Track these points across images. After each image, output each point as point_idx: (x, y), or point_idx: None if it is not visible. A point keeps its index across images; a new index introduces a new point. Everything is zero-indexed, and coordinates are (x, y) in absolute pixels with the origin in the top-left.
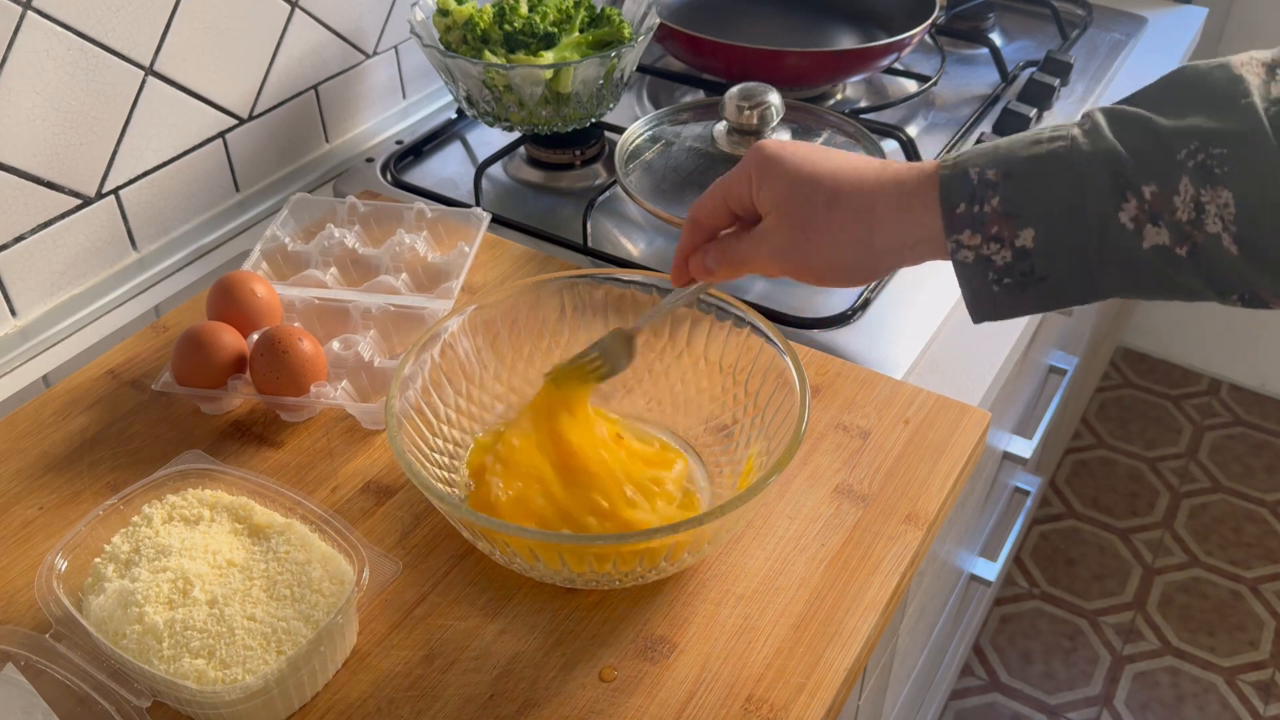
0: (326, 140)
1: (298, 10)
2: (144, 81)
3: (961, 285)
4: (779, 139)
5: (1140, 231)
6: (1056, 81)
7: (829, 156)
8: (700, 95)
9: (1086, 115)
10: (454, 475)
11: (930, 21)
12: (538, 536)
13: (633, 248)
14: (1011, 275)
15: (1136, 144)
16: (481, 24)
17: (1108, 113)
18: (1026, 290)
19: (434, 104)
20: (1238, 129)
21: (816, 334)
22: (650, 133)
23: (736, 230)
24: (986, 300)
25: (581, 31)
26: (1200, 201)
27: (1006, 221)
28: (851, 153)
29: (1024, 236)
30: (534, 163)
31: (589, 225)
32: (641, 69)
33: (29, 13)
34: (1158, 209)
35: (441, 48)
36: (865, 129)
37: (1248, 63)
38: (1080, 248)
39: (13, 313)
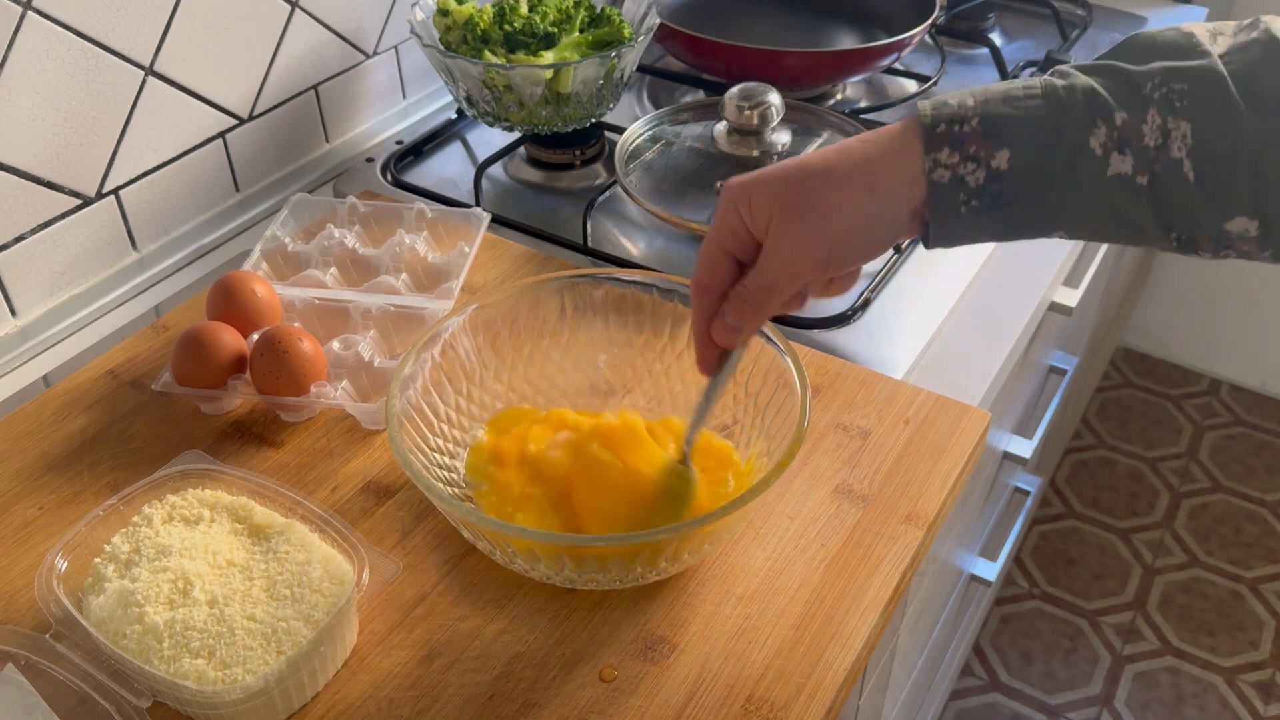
0: (326, 140)
1: (298, 10)
2: (144, 81)
3: (932, 205)
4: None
5: (1107, 158)
6: None
7: (798, 157)
8: (700, 95)
9: (1055, 69)
10: (454, 475)
11: (930, 21)
12: (538, 537)
13: (633, 248)
14: (981, 198)
15: (1108, 82)
16: (481, 24)
17: (1077, 65)
18: (992, 213)
19: (434, 104)
20: (1197, 68)
21: (816, 334)
22: (650, 133)
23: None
24: (952, 221)
25: (581, 31)
26: (1167, 128)
27: (984, 143)
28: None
29: (999, 158)
30: (534, 163)
31: (589, 225)
32: (641, 69)
33: (29, 13)
34: (1126, 135)
35: (441, 48)
36: (865, 129)
37: (1194, 25)
38: (1048, 173)
39: (13, 313)
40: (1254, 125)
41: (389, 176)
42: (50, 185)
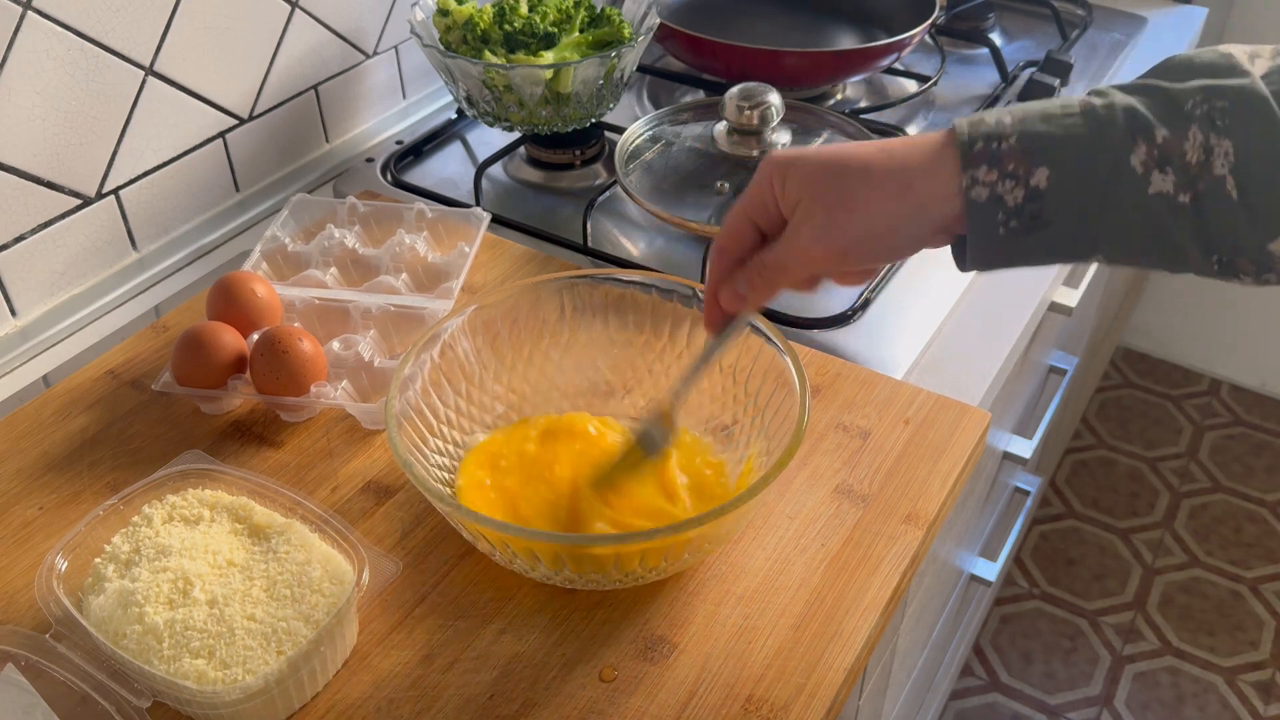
0: (326, 140)
1: (298, 10)
2: (144, 81)
3: (970, 225)
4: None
5: (1148, 176)
6: (1056, 81)
7: (845, 144)
8: (700, 95)
9: (1093, 89)
10: (453, 476)
11: (930, 21)
12: (537, 537)
13: (633, 248)
14: (1020, 217)
15: (1146, 100)
16: (481, 24)
17: (1116, 86)
18: (1031, 235)
19: (434, 104)
20: (1237, 86)
21: (816, 334)
22: (650, 133)
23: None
24: (990, 243)
25: (581, 31)
26: (1209, 145)
27: (1022, 159)
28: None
29: (1038, 175)
30: (534, 163)
31: (589, 225)
32: (641, 69)
33: (29, 13)
34: (1169, 152)
35: (441, 48)
36: (865, 129)
37: (1232, 46)
38: (1088, 192)
39: (13, 313)
40: None
41: (389, 176)
42: (50, 185)
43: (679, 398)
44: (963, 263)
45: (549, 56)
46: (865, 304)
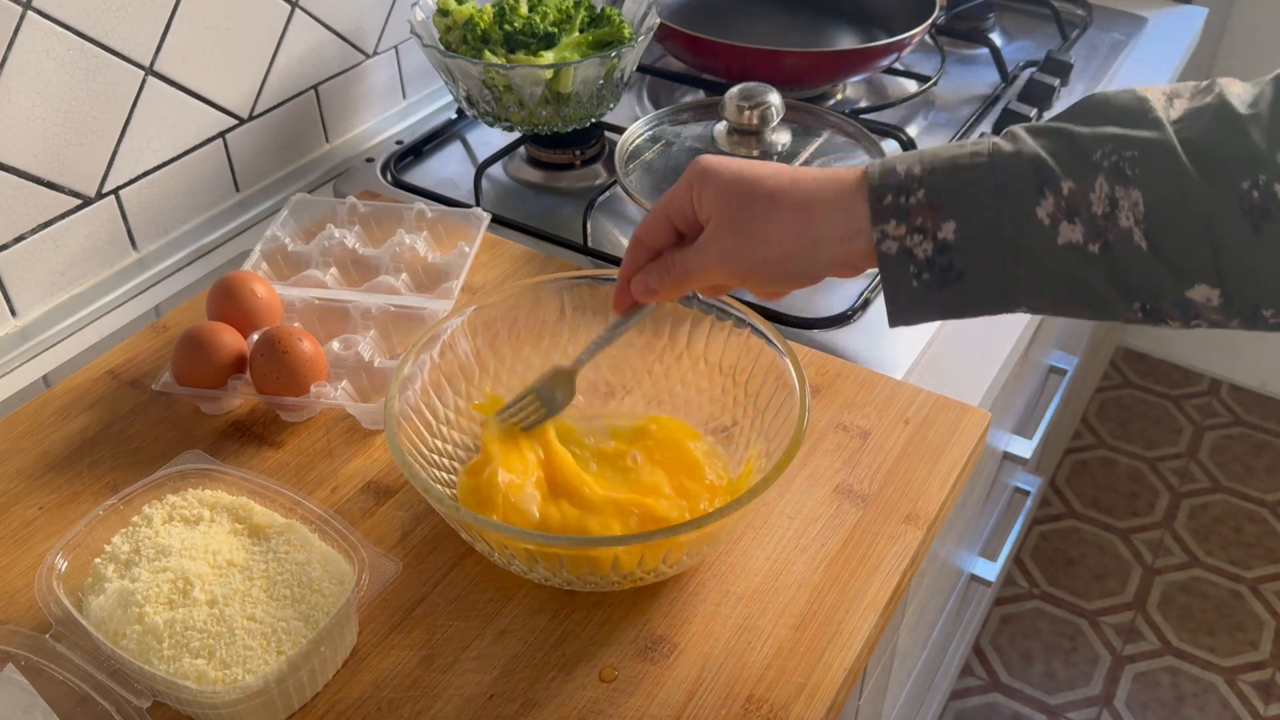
0: (326, 140)
1: (298, 10)
2: (144, 81)
3: (883, 279)
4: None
5: (1055, 227)
6: (1056, 81)
7: (767, 164)
8: (700, 95)
9: (1007, 130)
10: (453, 477)
11: (930, 21)
12: (535, 539)
13: None
14: (931, 270)
15: (1055, 148)
16: (481, 24)
17: (1027, 127)
18: (944, 288)
19: (434, 104)
20: (1147, 136)
21: (816, 334)
22: (650, 133)
23: (677, 246)
24: (905, 296)
25: (581, 31)
26: (1115, 197)
27: (930, 213)
28: (784, 165)
29: (946, 229)
30: (534, 163)
31: (589, 225)
32: (641, 69)
33: (29, 13)
34: (1075, 203)
35: (441, 48)
36: (865, 129)
37: (1151, 90)
38: (997, 243)
39: (13, 313)
40: (1206, 192)
41: (389, 176)
42: (50, 185)
43: (581, 365)
44: (889, 318)
45: (549, 56)
46: (865, 304)
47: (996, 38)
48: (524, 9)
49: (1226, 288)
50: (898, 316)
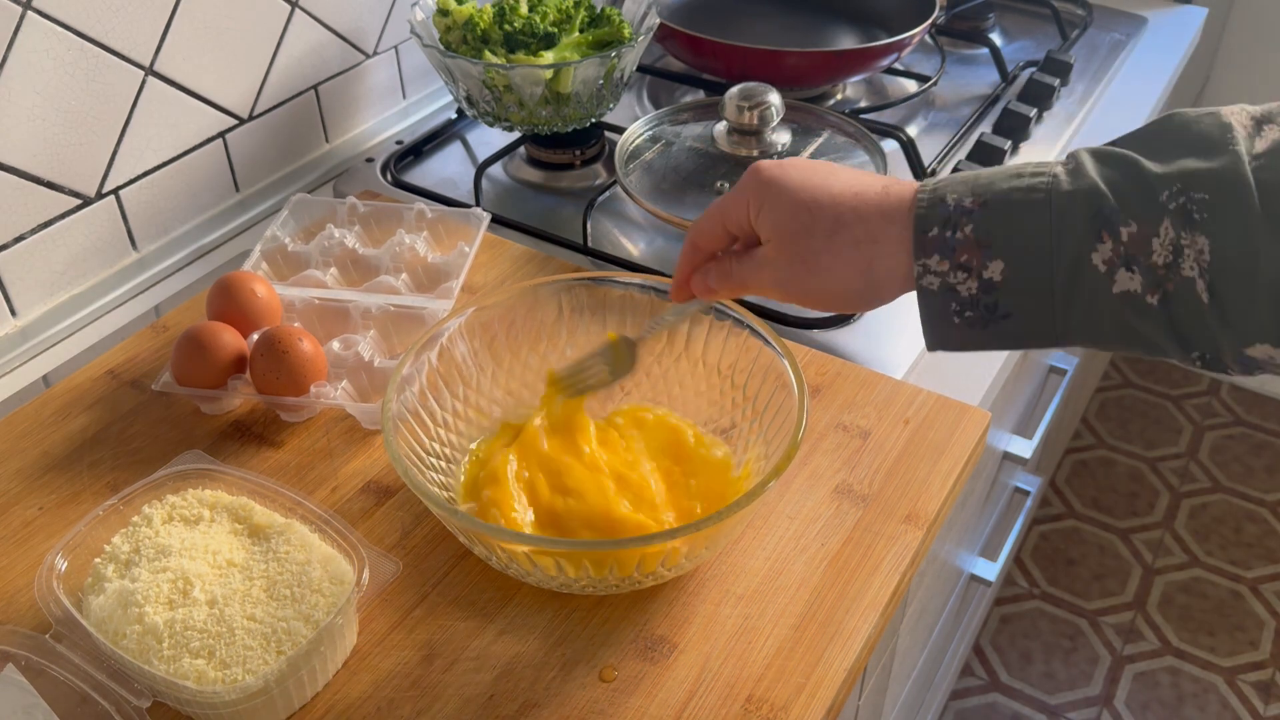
0: (326, 140)
1: (298, 10)
2: (144, 81)
3: (922, 312)
4: (777, 160)
5: (1112, 275)
6: (1056, 81)
7: (829, 180)
8: (700, 95)
9: (1071, 155)
10: (450, 479)
11: (930, 21)
12: (533, 542)
13: (633, 248)
14: (975, 309)
15: (1120, 183)
16: (481, 24)
17: (1094, 152)
18: (988, 327)
19: (434, 104)
20: (1220, 174)
21: (816, 334)
22: (650, 133)
23: (737, 251)
24: (945, 331)
25: (581, 31)
26: (1180, 244)
27: (977, 251)
28: (851, 168)
29: (993, 269)
30: (534, 163)
31: (589, 225)
32: (641, 69)
33: (29, 13)
34: (1134, 251)
35: (441, 48)
36: (865, 129)
37: (1237, 113)
38: (1048, 287)
39: (13, 313)
40: (1277, 245)
41: (389, 176)
42: (50, 185)
43: (644, 338)
44: (927, 343)
45: (549, 56)
46: None
47: (996, 38)
48: (524, 9)
49: None
50: (937, 345)
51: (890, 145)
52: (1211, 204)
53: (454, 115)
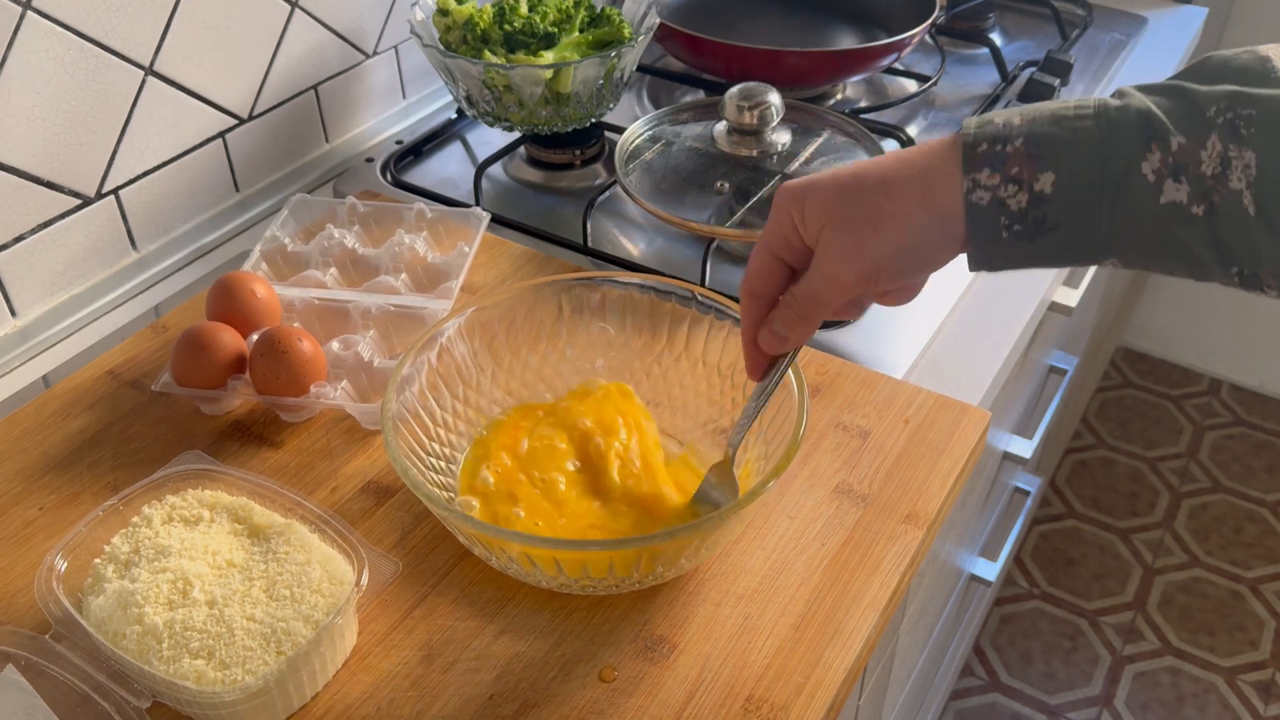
0: (326, 140)
1: (298, 10)
2: (144, 81)
3: (970, 228)
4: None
5: (1160, 185)
6: (1056, 81)
7: (859, 161)
8: (700, 95)
9: (1116, 90)
10: (450, 480)
11: (930, 21)
12: (531, 542)
13: (633, 248)
14: (1023, 222)
15: (1168, 103)
16: (481, 24)
17: (1138, 86)
18: (1035, 240)
19: (434, 104)
20: (1268, 94)
21: (817, 334)
22: (650, 133)
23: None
24: (991, 247)
25: (581, 31)
26: (1228, 157)
27: (1028, 163)
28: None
29: (1043, 180)
30: (534, 163)
31: (589, 225)
32: (641, 69)
33: (29, 13)
34: (1183, 160)
35: (441, 48)
36: (865, 129)
37: (1273, 48)
38: (1096, 197)
39: (13, 313)
40: None
41: (389, 176)
42: (50, 185)
43: (734, 448)
44: (969, 262)
45: (549, 56)
46: None
47: (996, 38)
48: (524, 9)
49: None
50: (981, 262)
51: (890, 145)
52: (1259, 119)
53: (454, 115)
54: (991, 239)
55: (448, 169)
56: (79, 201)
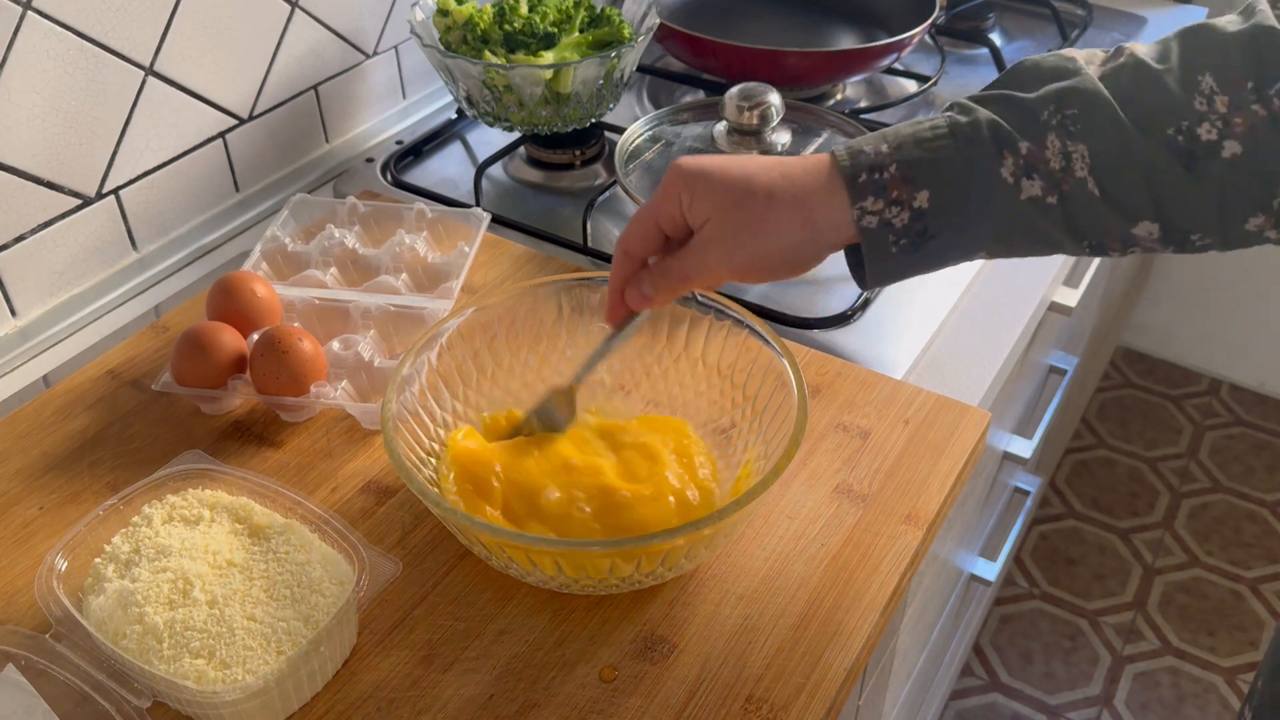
0: (326, 140)
1: (298, 10)
2: (144, 81)
3: (866, 251)
4: (693, 154)
5: (1018, 184)
6: None
7: (747, 162)
8: (700, 95)
9: (954, 103)
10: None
11: (930, 21)
12: (531, 542)
13: None
14: (909, 235)
15: (1006, 112)
16: (481, 24)
17: (973, 97)
18: (918, 250)
19: (434, 104)
20: (1080, 90)
21: (816, 334)
22: (650, 133)
23: (670, 251)
24: (884, 262)
25: (581, 31)
26: (1067, 150)
27: (905, 185)
28: (758, 155)
29: (920, 197)
30: (534, 163)
31: (589, 225)
32: (641, 69)
33: (29, 13)
34: (1033, 161)
35: (441, 48)
36: (865, 129)
37: (1072, 50)
38: (965, 204)
39: (13, 313)
40: (1142, 141)
41: (389, 176)
42: (50, 185)
43: (579, 382)
44: (862, 282)
45: (549, 56)
46: (865, 304)
47: (996, 38)
48: (524, 9)
49: (1165, 222)
50: (875, 279)
51: None
52: (1081, 115)
53: (454, 115)
54: (884, 255)
55: (448, 169)
56: (79, 201)
